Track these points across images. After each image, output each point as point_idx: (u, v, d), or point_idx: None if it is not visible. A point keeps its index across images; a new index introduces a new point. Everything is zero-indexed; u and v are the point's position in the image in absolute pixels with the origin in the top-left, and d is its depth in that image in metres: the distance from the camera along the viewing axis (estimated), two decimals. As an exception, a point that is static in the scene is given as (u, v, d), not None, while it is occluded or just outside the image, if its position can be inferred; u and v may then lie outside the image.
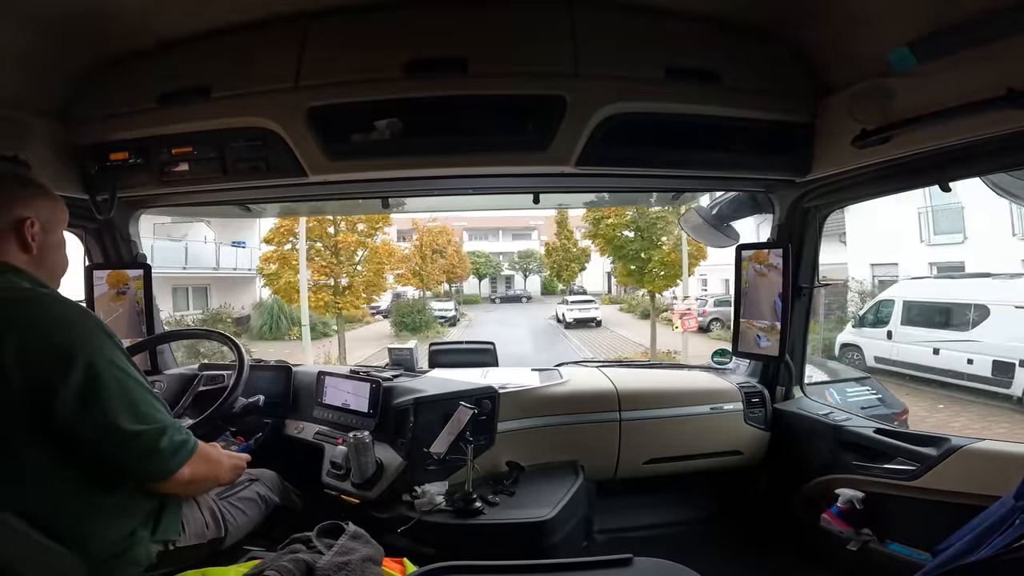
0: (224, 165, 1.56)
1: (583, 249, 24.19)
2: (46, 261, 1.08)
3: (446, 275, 24.25)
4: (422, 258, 21.00)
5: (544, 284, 31.71)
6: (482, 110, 1.45)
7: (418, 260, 20.82)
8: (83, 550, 0.95)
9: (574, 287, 28.51)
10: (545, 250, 27.16)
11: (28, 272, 1.02)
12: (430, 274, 21.31)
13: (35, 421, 0.91)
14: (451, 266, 24.25)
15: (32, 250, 1.04)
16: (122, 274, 2.01)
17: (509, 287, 31.69)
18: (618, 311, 23.61)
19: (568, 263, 24.93)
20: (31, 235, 1.03)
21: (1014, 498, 0.96)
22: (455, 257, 24.68)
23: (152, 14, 1.39)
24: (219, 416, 1.55)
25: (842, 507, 1.72)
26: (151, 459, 0.99)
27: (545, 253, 27.16)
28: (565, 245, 24.60)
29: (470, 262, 28.01)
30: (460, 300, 26.75)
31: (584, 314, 20.17)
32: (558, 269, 25.39)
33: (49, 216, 1.08)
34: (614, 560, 0.91)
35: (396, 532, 1.51)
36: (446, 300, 24.10)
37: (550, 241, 26.06)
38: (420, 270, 20.60)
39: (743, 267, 2.02)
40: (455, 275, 25.32)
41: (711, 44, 1.48)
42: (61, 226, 1.13)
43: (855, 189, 1.71)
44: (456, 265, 24.81)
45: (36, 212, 1.05)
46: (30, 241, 1.03)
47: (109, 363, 0.96)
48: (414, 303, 19.85)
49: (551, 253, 25.69)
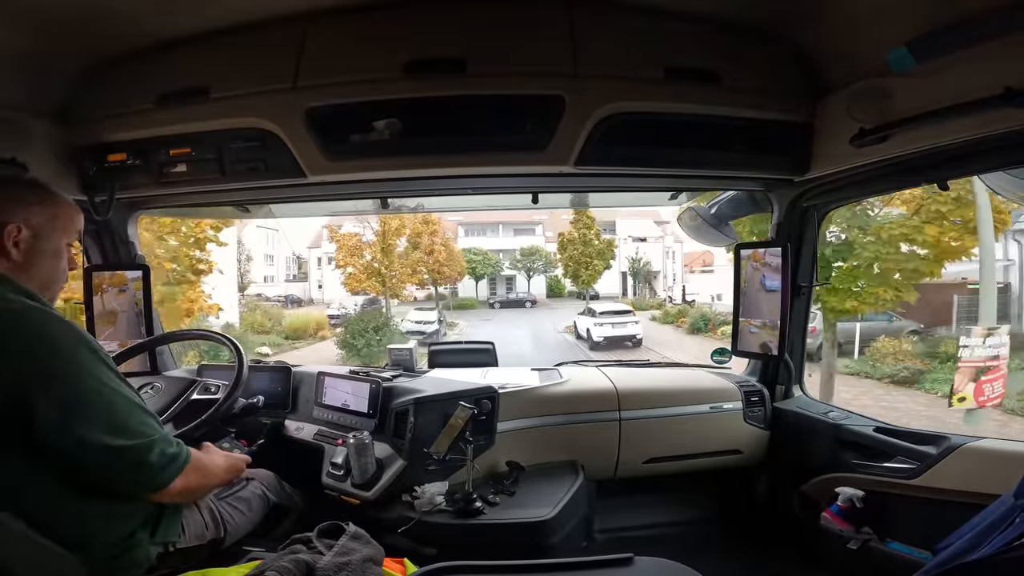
0: (223, 166, 1.55)
1: (608, 241, 20.49)
2: (34, 269, 1.03)
3: (434, 275, 19.83)
4: (385, 252, 15.76)
5: (549, 285, 27.32)
6: (481, 110, 1.45)
7: (378, 255, 15.74)
8: (83, 552, 0.95)
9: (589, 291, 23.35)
10: (559, 243, 21.92)
11: (18, 283, 0.99)
12: (398, 275, 16.46)
13: (16, 436, 0.89)
14: (437, 264, 19.62)
15: (13, 256, 1.00)
16: (121, 275, 2.01)
17: (510, 289, 27.21)
18: (651, 321, 18.06)
19: (588, 260, 20.35)
20: (13, 241, 1.00)
21: (1014, 496, 0.96)
22: (443, 253, 19.89)
23: (151, 15, 1.38)
24: (219, 417, 1.55)
25: (842, 506, 1.72)
26: (140, 473, 0.97)
27: (559, 246, 22.02)
28: (585, 236, 19.90)
29: (465, 261, 23.85)
30: (451, 305, 22.51)
31: (620, 331, 15.13)
32: (575, 267, 20.72)
33: (46, 222, 1.04)
34: (614, 560, 0.91)
35: (396, 532, 1.51)
36: (427, 309, 18.82)
37: (565, 233, 21.19)
38: (382, 269, 15.59)
39: (742, 266, 2.03)
40: (443, 275, 20.45)
41: (710, 44, 1.48)
42: (60, 233, 1.08)
43: (854, 188, 1.71)
44: (445, 263, 20.20)
45: (24, 218, 1.01)
46: (9, 247, 0.99)
47: (92, 378, 0.94)
48: (372, 316, 14.58)
49: (566, 247, 20.89)
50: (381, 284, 15.81)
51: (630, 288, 25.46)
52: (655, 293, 25.15)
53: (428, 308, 18.83)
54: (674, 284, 24.29)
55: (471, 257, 25.02)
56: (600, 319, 15.29)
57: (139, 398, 1.04)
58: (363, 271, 15.48)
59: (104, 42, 1.45)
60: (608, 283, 23.50)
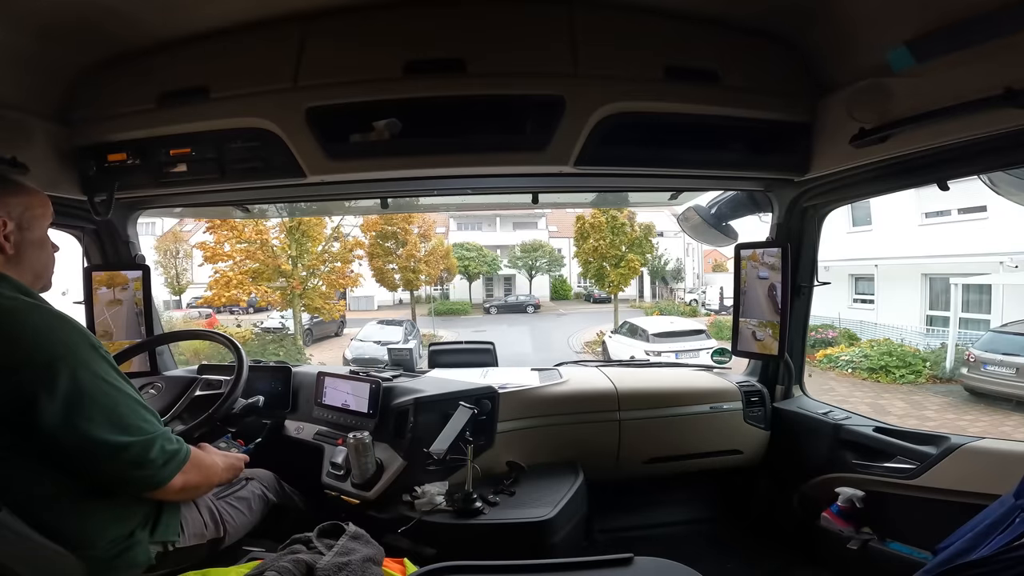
0: (223, 166, 1.55)
1: (646, 227, 15.37)
2: (26, 261, 1.03)
3: (407, 275, 15.42)
4: (296, 241, 11.02)
5: (553, 286, 23.81)
6: (481, 110, 1.45)
7: (286, 246, 11.02)
8: (82, 551, 0.95)
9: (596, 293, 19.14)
10: (576, 231, 16.10)
11: (15, 280, 0.99)
12: (326, 277, 11.60)
13: (18, 434, 0.89)
14: (408, 263, 15.11)
15: (7, 250, 1.00)
16: (121, 275, 2.01)
17: (509, 291, 23.80)
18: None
19: (619, 254, 14.94)
20: (3, 235, 0.99)
21: (1014, 496, 0.96)
22: (415, 248, 15.34)
23: (151, 15, 1.38)
24: (219, 417, 1.55)
25: (842, 506, 1.73)
26: (141, 470, 0.98)
27: (576, 235, 16.14)
28: (615, 221, 14.83)
29: (456, 258, 19.83)
30: (436, 310, 18.43)
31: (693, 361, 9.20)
32: (598, 264, 15.34)
33: (24, 212, 1.03)
34: (614, 560, 0.91)
35: (396, 532, 1.51)
36: (391, 324, 13.69)
37: (584, 218, 15.61)
38: (288, 275, 10.89)
39: (742, 266, 2.03)
40: (414, 277, 15.62)
41: (710, 44, 1.48)
42: (42, 221, 1.08)
43: (854, 188, 1.71)
44: (424, 259, 15.70)
45: (8, 211, 1.00)
46: (2, 241, 0.99)
47: (93, 375, 0.94)
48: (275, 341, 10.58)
49: (587, 235, 15.43)
50: (282, 294, 10.85)
51: (647, 289, 22.44)
52: (673, 294, 22.64)
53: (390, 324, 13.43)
54: (698, 284, 21.80)
55: (463, 254, 21.23)
56: (658, 343, 10.27)
57: (139, 395, 1.04)
58: (236, 275, 10.00)
59: (104, 42, 1.45)
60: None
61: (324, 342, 15.25)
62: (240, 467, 1.33)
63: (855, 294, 12.77)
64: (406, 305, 17.60)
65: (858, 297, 12.70)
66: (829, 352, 10.52)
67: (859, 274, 12.51)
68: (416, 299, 18.13)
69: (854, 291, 12.78)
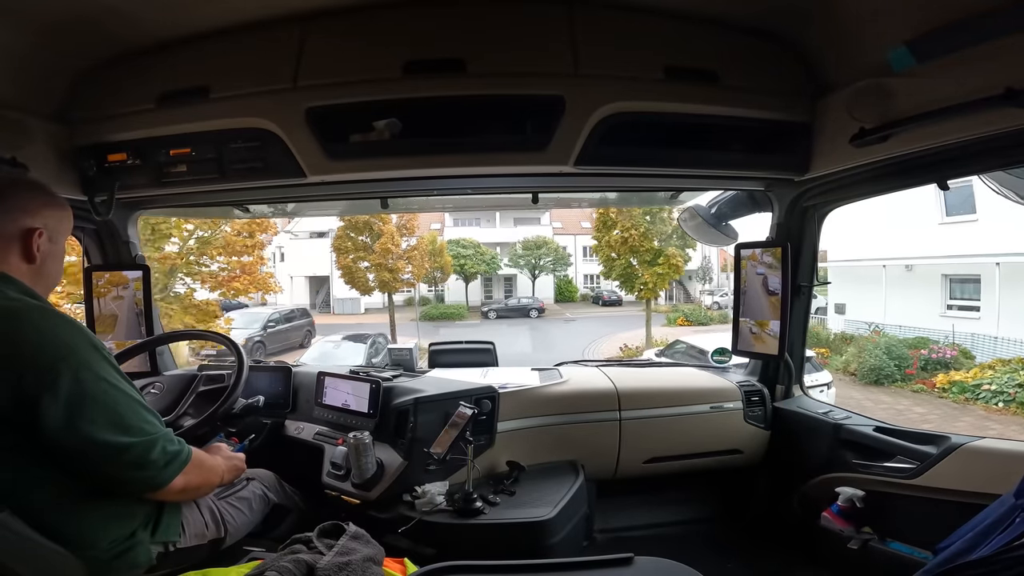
0: (223, 166, 1.55)
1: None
2: (46, 271, 1.06)
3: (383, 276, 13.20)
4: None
5: (558, 287, 21.83)
6: (481, 110, 1.45)
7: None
8: (83, 552, 0.95)
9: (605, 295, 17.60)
10: (597, 221, 13.90)
11: (22, 282, 1.00)
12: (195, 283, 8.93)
13: (21, 435, 0.90)
14: (384, 260, 13.03)
15: (36, 260, 1.02)
16: (121, 275, 2.01)
17: (510, 292, 21.88)
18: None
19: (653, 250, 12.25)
20: (37, 245, 1.02)
21: (1014, 496, 0.96)
22: (392, 241, 13.22)
23: (151, 15, 1.38)
24: (219, 417, 1.55)
25: (842, 505, 1.72)
26: (142, 471, 0.98)
27: (597, 225, 13.91)
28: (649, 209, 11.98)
29: (450, 256, 17.92)
30: (424, 316, 16.22)
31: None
32: (625, 262, 12.67)
33: (56, 225, 1.07)
34: (615, 559, 0.91)
35: (397, 532, 1.51)
36: (356, 339, 11.08)
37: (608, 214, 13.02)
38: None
39: (742, 266, 2.03)
40: (391, 277, 13.36)
41: (710, 44, 1.48)
42: (66, 235, 1.11)
43: (854, 188, 1.71)
44: (405, 256, 13.58)
45: (45, 222, 1.03)
46: (35, 252, 1.01)
47: (95, 376, 0.95)
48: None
49: (610, 225, 12.90)
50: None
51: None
52: (689, 296, 20.76)
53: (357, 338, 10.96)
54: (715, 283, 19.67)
55: (459, 251, 19.38)
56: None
57: (140, 396, 1.04)
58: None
59: (104, 42, 1.45)
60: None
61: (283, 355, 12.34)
62: (242, 467, 1.33)
63: (949, 299, 10.72)
64: (401, 308, 15.20)
65: (954, 303, 10.63)
66: (956, 378, 7.89)
67: (957, 275, 10.39)
68: (410, 301, 16.30)
69: (948, 296, 10.73)
